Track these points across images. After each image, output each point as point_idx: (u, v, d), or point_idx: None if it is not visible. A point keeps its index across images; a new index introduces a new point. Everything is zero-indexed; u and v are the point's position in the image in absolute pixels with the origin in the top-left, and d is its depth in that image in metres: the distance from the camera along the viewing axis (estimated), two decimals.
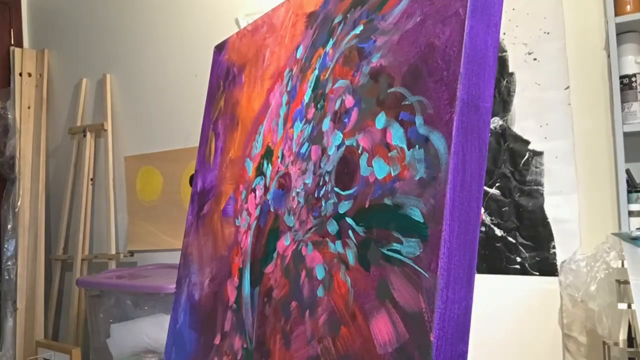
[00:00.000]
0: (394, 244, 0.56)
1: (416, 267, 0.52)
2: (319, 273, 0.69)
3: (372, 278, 0.59)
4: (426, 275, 0.50)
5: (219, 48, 1.21)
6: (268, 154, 0.90)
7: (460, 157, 0.51)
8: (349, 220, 0.65)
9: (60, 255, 2.48)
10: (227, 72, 1.14)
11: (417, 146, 0.56)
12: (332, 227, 0.68)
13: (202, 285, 1.01)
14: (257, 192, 0.90)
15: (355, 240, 0.63)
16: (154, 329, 1.64)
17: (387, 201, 0.59)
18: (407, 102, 0.59)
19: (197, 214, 1.12)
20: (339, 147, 0.70)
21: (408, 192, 0.56)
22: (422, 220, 0.53)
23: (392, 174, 0.59)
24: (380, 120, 0.63)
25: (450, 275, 0.49)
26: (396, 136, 0.60)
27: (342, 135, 0.70)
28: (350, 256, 0.63)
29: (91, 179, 2.45)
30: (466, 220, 0.51)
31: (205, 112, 1.21)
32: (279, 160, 0.86)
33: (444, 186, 0.51)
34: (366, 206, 0.62)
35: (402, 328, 0.52)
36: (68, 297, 2.45)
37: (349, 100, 0.71)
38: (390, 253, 0.57)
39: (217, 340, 0.92)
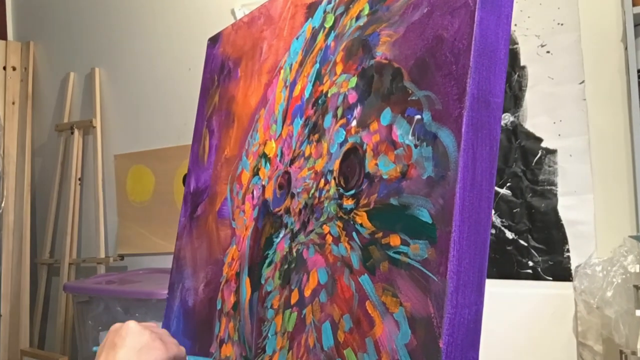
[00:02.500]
0: (401, 247, 0.57)
1: (424, 270, 0.53)
2: (322, 277, 0.69)
3: (377, 282, 0.59)
4: (435, 278, 0.51)
5: (213, 41, 1.21)
6: (266, 152, 0.90)
7: (471, 155, 0.52)
8: (352, 221, 0.65)
9: (46, 259, 2.48)
10: (221, 66, 1.14)
11: (424, 143, 0.56)
12: (335, 228, 0.68)
13: (197, 290, 1.01)
14: (254, 192, 0.91)
15: (359, 243, 0.63)
16: None
17: (393, 201, 0.59)
18: (414, 98, 0.60)
19: (190, 215, 1.12)
20: (341, 144, 0.71)
21: (415, 192, 0.56)
22: (430, 221, 0.53)
23: (399, 173, 0.59)
24: (386, 116, 0.63)
25: (460, 279, 0.50)
26: (402, 133, 0.60)
27: (344, 132, 0.71)
28: (355, 259, 0.63)
29: (79, 179, 2.46)
30: (477, 221, 0.52)
31: (199, 109, 1.21)
32: (278, 158, 0.86)
33: (454, 185, 0.51)
34: (371, 207, 0.62)
35: (410, 334, 0.53)
36: (55, 303, 2.45)
37: (352, 96, 0.71)
38: (396, 256, 0.57)
39: (213, 349, 0.92)
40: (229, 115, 1.06)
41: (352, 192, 0.66)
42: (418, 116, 0.58)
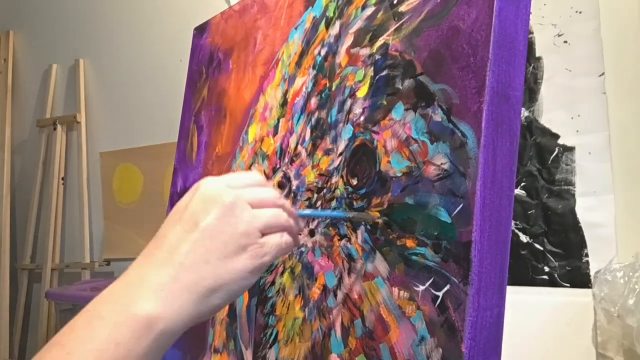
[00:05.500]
0: (418, 248, 0.58)
1: (444, 272, 0.54)
2: (330, 281, 0.70)
3: (392, 285, 0.60)
4: (456, 281, 0.52)
5: (200, 30, 1.22)
6: (264, 149, 0.91)
7: (491, 151, 0.53)
8: (363, 222, 0.66)
9: (27, 264, 2.48)
10: (210, 57, 1.15)
11: (441, 139, 0.58)
12: (344, 230, 0.69)
13: None
14: None
15: (372, 244, 0.64)
16: None
17: (409, 200, 0.60)
18: (428, 92, 0.61)
19: None
20: (349, 141, 0.72)
21: (433, 190, 0.57)
22: (449, 221, 0.54)
23: (414, 171, 0.60)
24: (398, 111, 0.64)
25: (482, 281, 0.51)
26: (417, 129, 0.61)
27: (353, 128, 0.71)
28: (367, 262, 0.64)
29: (62, 178, 2.46)
30: (498, 220, 0.53)
31: (185, 103, 1.21)
32: (277, 156, 0.87)
33: (475, 183, 0.52)
34: (384, 207, 0.63)
35: (429, 339, 0.54)
36: (36, 311, 2.45)
37: (360, 90, 0.72)
38: (413, 257, 0.58)
39: (207, 359, 0.93)
40: (220, 110, 1.07)
41: (363, 191, 0.67)
42: (434, 111, 0.59)
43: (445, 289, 0.53)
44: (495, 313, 0.52)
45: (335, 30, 0.80)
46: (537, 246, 1.48)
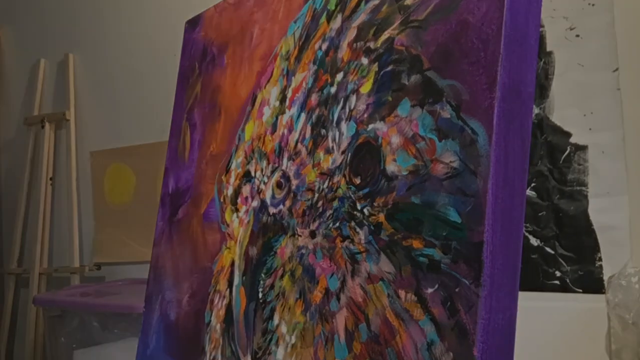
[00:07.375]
0: (425, 249, 0.58)
1: (454, 273, 0.54)
2: (332, 284, 0.70)
3: (399, 288, 0.61)
4: (466, 282, 0.52)
5: (192, 24, 1.22)
6: (261, 147, 0.91)
7: (503, 149, 0.53)
8: (367, 222, 0.67)
9: (14, 268, 2.48)
10: (203, 52, 1.15)
11: (450, 137, 0.58)
12: (346, 230, 0.70)
13: (180, 302, 1.02)
14: (248, 192, 0.91)
15: (376, 246, 0.65)
16: (125, 355, 1.65)
17: (415, 200, 0.60)
18: (436, 87, 0.61)
19: (170, 219, 1.13)
20: (352, 138, 0.72)
21: (441, 189, 0.58)
22: (459, 221, 0.55)
23: (421, 169, 0.61)
24: (404, 107, 0.65)
25: (494, 282, 0.51)
26: (424, 126, 0.62)
27: (356, 125, 0.72)
28: (371, 263, 0.65)
29: (51, 179, 2.46)
30: (509, 220, 0.53)
31: (177, 100, 1.21)
32: (276, 154, 0.87)
33: (485, 181, 0.53)
34: (389, 206, 0.64)
35: (439, 342, 0.54)
36: (23, 317, 2.45)
37: (364, 85, 0.72)
38: (421, 259, 0.58)
39: None
40: (215, 107, 1.07)
41: (366, 190, 0.68)
42: (442, 107, 0.60)
43: (456, 290, 0.54)
44: (507, 315, 0.52)
45: (336, 23, 0.81)
46: (548, 249, 1.48)
